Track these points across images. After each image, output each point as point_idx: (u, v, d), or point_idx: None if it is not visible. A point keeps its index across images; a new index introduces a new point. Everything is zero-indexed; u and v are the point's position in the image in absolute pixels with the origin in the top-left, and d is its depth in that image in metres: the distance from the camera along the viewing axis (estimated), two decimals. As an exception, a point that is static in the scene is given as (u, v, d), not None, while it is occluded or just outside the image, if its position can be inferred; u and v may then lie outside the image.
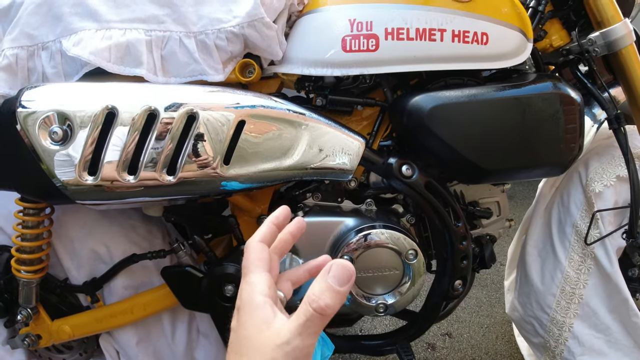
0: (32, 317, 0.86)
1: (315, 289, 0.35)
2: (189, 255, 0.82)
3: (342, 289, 0.35)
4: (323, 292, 0.34)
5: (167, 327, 0.89)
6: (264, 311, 0.36)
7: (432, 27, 0.74)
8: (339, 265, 0.35)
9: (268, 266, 0.41)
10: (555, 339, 0.97)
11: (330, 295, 0.34)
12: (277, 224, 0.45)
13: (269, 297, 0.38)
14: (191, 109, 0.66)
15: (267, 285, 0.39)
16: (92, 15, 0.71)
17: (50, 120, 0.65)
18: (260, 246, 0.42)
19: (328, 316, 0.34)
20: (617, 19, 0.82)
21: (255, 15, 0.72)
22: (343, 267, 0.35)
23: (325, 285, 0.35)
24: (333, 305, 0.34)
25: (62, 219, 0.84)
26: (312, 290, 0.35)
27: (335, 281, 0.35)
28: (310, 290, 0.35)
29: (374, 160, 0.76)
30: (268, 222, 0.45)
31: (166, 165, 0.66)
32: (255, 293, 0.38)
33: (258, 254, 0.41)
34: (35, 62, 0.74)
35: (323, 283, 0.35)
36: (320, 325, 0.34)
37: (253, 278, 0.39)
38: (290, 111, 0.71)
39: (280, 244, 0.46)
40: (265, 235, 0.44)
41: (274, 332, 0.35)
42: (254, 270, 0.40)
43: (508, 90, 0.76)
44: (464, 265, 0.79)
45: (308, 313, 0.34)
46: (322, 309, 0.34)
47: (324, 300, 0.34)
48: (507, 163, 0.77)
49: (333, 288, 0.35)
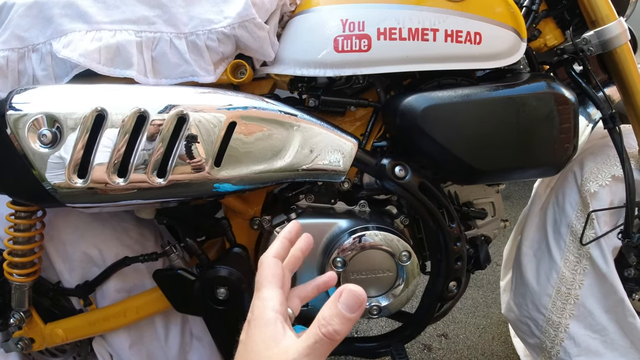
0: (25, 320, 0.86)
1: (326, 313, 0.35)
2: (181, 258, 0.81)
3: (352, 316, 0.35)
4: (333, 317, 0.35)
5: (160, 330, 0.88)
6: (275, 328, 0.37)
7: (425, 27, 0.73)
8: (350, 293, 0.35)
9: (281, 282, 0.42)
10: (552, 339, 0.97)
11: (340, 321, 0.35)
12: (290, 239, 0.47)
13: (280, 314, 0.38)
14: (181, 110, 0.65)
15: (279, 302, 0.39)
16: (82, 17, 0.71)
17: (39, 123, 0.64)
18: (274, 262, 0.43)
19: (337, 341, 0.35)
20: (611, 18, 0.82)
21: (246, 16, 0.71)
22: (354, 295, 0.35)
23: (335, 311, 0.35)
24: (342, 332, 0.35)
25: (54, 222, 0.84)
26: (322, 314, 0.35)
27: (346, 308, 0.35)
28: (321, 314, 0.35)
29: (366, 161, 0.76)
30: (281, 238, 0.46)
31: (156, 167, 0.66)
32: (267, 309, 0.38)
33: (272, 270, 0.42)
34: (26, 64, 0.73)
35: (334, 309, 0.35)
36: (328, 349, 0.35)
37: (266, 293, 0.40)
38: (282, 112, 0.70)
39: (291, 260, 0.47)
40: (279, 251, 0.45)
41: (282, 350, 0.35)
42: (268, 285, 0.41)
43: (502, 90, 0.76)
44: (458, 266, 0.79)
45: (317, 336, 0.34)
46: (331, 335, 0.34)
47: (333, 326, 0.34)
48: (501, 163, 0.76)
49: (343, 315, 0.35)
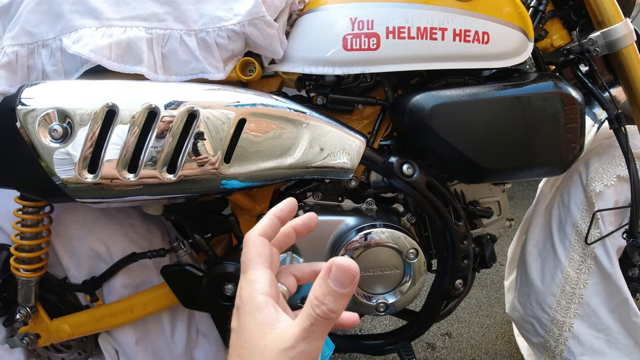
0: (31, 316, 0.86)
1: (317, 292, 0.33)
2: (189, 254, 0.81)
3: (345, 291, 0.32)
4: (325, 295, 0.32)
5: (167, 327, 0.88)
6: (266, 312, 0.35)
7: (434, 26, 0.74)
8: (340, 267, 0.32)
9: (269, 262, 0.38)
10: (556, 338, 0.97)
11: (334, 299, 0.32)
12: (280, 217, 0.42)
13: (270, 297, 0.35)
14: (192, 107, 0.66)
15: (268, 283, 0.36)
16: (93, 13, 0.71)
17: (50, 118, 0.65)
18: (261, 240, 0.39)
19: (333, 319, 0.33)
20: (617, 19, 0.82)
21: (256, 14, 0.72)
22: (344, 269, 0.32)
23: (327, 288, 0.33)
24: (337, 309, 0.32)
25: (61, 218, 0.84)
26: (313, 293, 0.33)
27: (338, 284, 0.32)
28: (312, 294, 0.33)
29: (374, 159, 0.76)
30: (270, 215, 0.42)
31: (166, 163, 0.66)
32: (256, 292, 0.36)
33: (258, 249, 0.39)
34: (35, 60, 0.73)
35: (325, 286, 0.33)
36: (326, 329, 0.33)
37: (253, 275, 0.37)
38: (291, 110, 0.71)
39: (281, 237, 0.42)
40: (266, 228, 0.40)
41: (277, 336, 0.33)
42: (254, 266, 0.37)
43: (509, 89, 0.76)
44: (464, 264, 0.79)
45: (312, 318, 0.32)
46: (327, 314, 0.32)
47: (327, 305, 0.32)
48: (508, 162, 0.77)
49: (336, 292, 0.32)
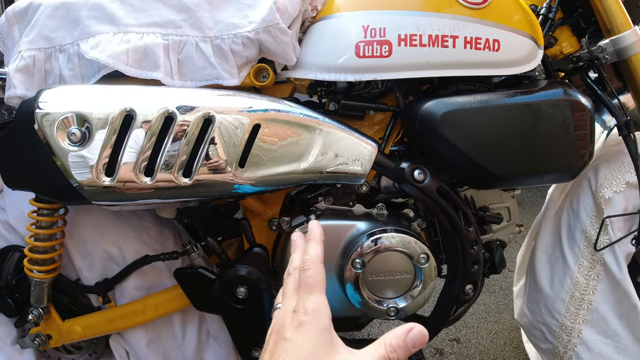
0: (43, 317, 0.87)
1: (394, 341, 0.39)
2: (202, 257, 0.82)
3: (414, 351, 0.39)
4: (400, 347, 0.39)
5: (178, 329, 0.89)
6: (332, 335, 0.40)
7: (445, 34, 0.75)
8: (420, 333, 0.39)
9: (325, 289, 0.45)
10: (564, 344, 0.97)
11: (404, 353, 0.39)
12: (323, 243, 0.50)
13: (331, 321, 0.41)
14: (207, 112, 0.67)
15: (328, 309, 0.42)
16: (110, 19, 0.73)
17: (68, 122, 0.66)
18: (323, 268, 0.46)
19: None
20: (627, 27, 0.83)
21: (270, 21, 0.73)
22: (423, 336, 0.39)
23: (403, 343, 0.39)
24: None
25: (75, 220, 0.85)
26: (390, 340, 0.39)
27: (412, 344, 0.39)
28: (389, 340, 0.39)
29: (386, 164, 0.77)
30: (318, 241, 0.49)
31: (182, 167, 0.67)
32: (324, 315, 0.41)
33: (322, 275, 0.45)
34: (52, 64, 0.75)
35: (402, 341, 0.39)
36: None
37: (320, 298, 0.43)
38: (304, 115, 0.72)
39: None
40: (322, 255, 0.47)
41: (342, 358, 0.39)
42: (320, 291, 0.43)
43: (519, 96, 0.77)
44: (474, 269, 0.79)
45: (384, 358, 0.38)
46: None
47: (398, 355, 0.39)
48: (518, 168, 0.77)
49: (408, 348, 0.39)
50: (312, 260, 0.45)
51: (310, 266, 0.45)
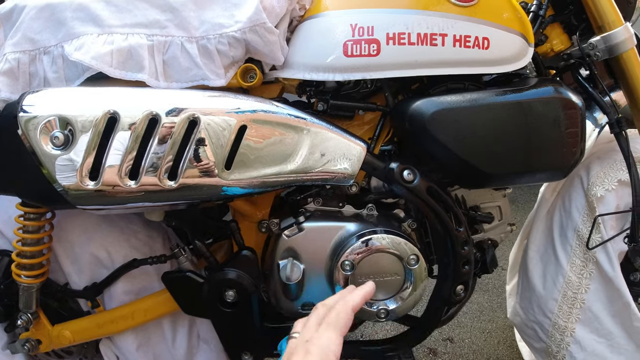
0: (32, 322, 0.86)
1: None
2: (190, 260, 0.81)
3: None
4: None
5: (168, 333, 0.88)
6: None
7: (434, 32, 0.74)
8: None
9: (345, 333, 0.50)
10: (557, 343, 0.97)
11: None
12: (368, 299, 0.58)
13: None
14: (193, 114, 0.66)
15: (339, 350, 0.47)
16: (94, 20, 0.72)
17: (51, 125, 0.65)
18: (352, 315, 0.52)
19: None
20: (618, 24, 0.82)
21: (257, 20, 0.72)
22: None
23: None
24: None
25: (62, 224, 0.84)
26: None
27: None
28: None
29: (375, 165, 0.76)
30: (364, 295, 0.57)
31: (167, 170, 0.66)
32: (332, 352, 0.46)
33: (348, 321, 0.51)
34: (37, 67, 0.74)
35: None
36: None
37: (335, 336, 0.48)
38: (291, 116, 0.71)
39: None
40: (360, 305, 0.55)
41: None
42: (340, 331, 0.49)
43: (509, 94, 0.76)
44: (465, 270, 0.79)
45: None
46: None
47: None
48: (509, 167, 0.77)
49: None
50: (346, 304, 0.52)
51: (341, 309, 0.51)
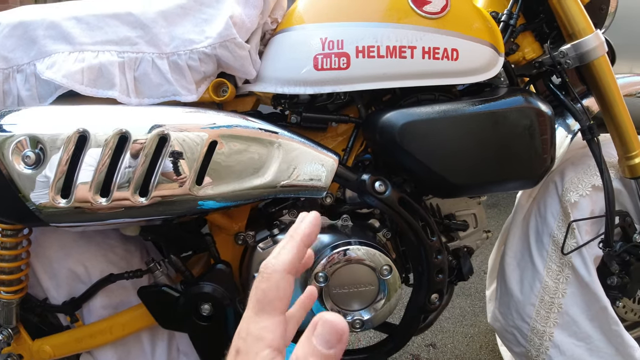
0: (13, 337, 0.86)
1: (299, 352, 0.28)
2: (166, 274, 0.82)
3: (331, 352, 0.28)
4: (308, 357, 0.28)
5: (147, 346, 0.88)
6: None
7: (403, 45, 0.75)
8: (327, 324, 0.28)
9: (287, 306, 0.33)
10: (537, 348, 0.98)
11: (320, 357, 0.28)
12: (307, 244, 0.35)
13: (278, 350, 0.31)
14: (162, 130, 0.67)
15: (280, 335, 0.31)
16: (66, 38, 0.72)
17: (22, 145, 0.65)
18: (286, 280, 0.33)
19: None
20: (588, 31, 0.83)
21: (227, 36, 0.73)
22: (331, 326, 0.28)
23: (310, 349, 0.28)
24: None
25: (40, 240, 0.84)
26: (296, 353, 0.29)
27: (323, 343, 0.28)
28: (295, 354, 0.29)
29: (347, 176, 0.77)
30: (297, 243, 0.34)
31: (138, 187, 0.67)
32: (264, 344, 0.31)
33: (280, 292, 0.32)
34: (11, 85, 0.74)
35: (307, 346, 0.28)
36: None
37: (266, 322, 0.32)
38: (262, 130, 0.72)
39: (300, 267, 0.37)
40: (295, 263, 0.33)
41: None
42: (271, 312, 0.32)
43: (478, 105, 0.77)
44: (439, 279, 0.80)
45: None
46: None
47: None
48: (479, 178, 0.78)
49: (320, 352, 0.28)
50: (274, 269, 0.33)
51: (269, 277, 0.32)
